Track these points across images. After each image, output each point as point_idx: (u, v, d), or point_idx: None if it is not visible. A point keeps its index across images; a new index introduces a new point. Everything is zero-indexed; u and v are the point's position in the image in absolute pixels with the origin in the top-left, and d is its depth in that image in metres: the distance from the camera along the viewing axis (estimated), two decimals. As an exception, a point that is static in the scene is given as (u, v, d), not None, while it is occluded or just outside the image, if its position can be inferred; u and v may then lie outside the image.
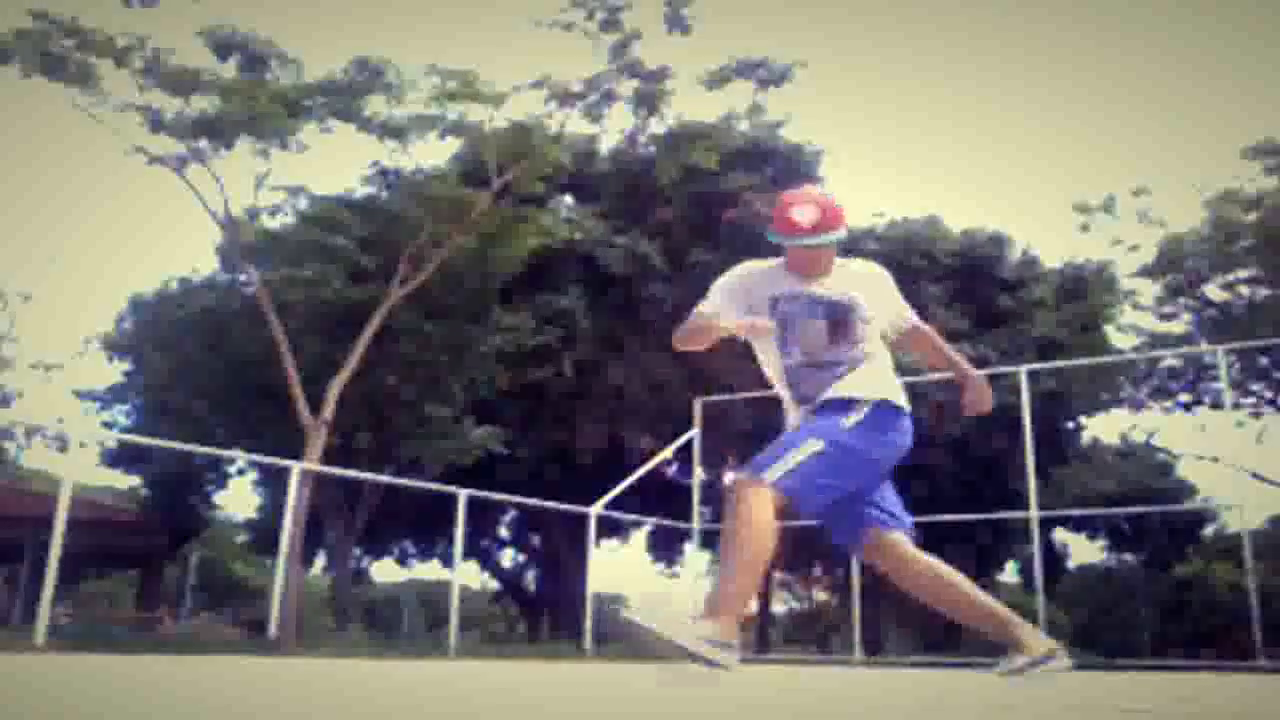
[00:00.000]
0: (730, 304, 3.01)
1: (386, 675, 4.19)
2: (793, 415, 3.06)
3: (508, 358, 18.21)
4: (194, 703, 2.29)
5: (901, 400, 3.00)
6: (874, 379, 2.96)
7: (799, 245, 2.95)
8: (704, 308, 3.03)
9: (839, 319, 2.95)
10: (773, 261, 3.10)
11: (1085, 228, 23.16)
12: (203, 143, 14.14)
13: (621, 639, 2.90)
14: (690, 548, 13.60)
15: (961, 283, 22.14)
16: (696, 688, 2.81)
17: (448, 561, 24.45)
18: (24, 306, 26.92)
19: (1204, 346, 20.12)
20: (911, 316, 3.22)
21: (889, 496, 3.08)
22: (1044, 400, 19.36)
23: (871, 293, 3.06)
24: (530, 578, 30.24)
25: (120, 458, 21.91)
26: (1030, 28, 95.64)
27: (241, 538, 34.59)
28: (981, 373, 3.32)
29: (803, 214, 2.93)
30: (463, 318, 17.48)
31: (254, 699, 2.50)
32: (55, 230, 64.62)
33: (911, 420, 3.02)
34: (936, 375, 18.76)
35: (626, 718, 2.02)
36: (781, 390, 3.08)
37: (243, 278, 17.39)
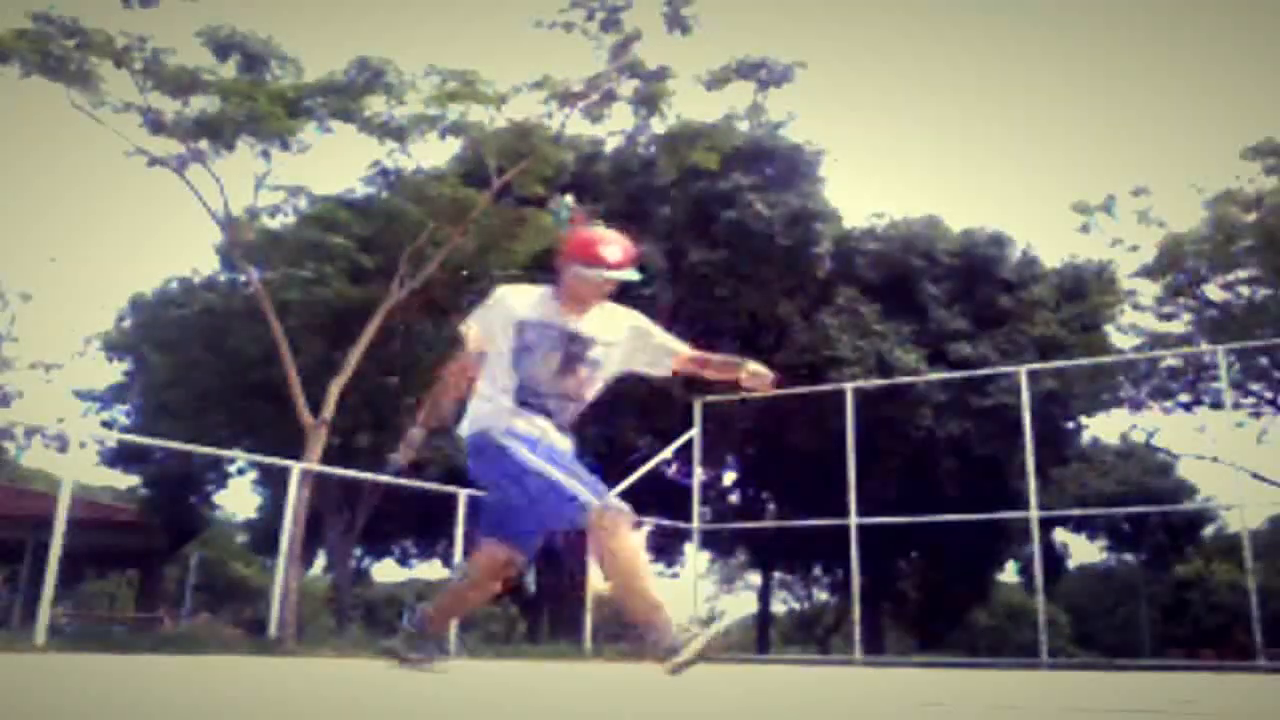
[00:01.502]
0: (485, 325, 3.29)
1: (386, 675, 4.19)
2: (508, 414, 3.18)
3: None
4: (194, 703, 2.28)
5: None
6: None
7: (604, 278, 3.13)
8: (468, 326, 3.32)
9: (572, 354, 3.17)
10: (540, 288, 3.29)
11: (1085, 228, 23.14)
12: (203, 143, 14.13)
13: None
14: (690, 548, 13.59)
15: (961, 283, 22.13)
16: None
17: (448, 561, 24.44)
18: (24, 306, 26.89)
19: (1204, 346, 20.10)
20: (679, 348, 3.38)
21: None
22: (1044, 400, 19.35)
23: (620, 338, 3.27)
24: (530, 578, 30.23)
25: (120, 458, 21.91)
26: (1030, 28, 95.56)
27: (241, 538, 34.60)
28: (981, 372, 3.43)
29: (613, 252, 3.14)
30: (463, 318, 17.47)
31: (254, 699, 2.50)
32: (55, 230, 64.59)
33: None
34: (935, 376, 18.69)
35: (626, 717, 2.02)
36: (495, 391, 3.23)
37: (243, 278, 17.38)
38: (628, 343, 3.30)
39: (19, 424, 28.13)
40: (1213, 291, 22.14)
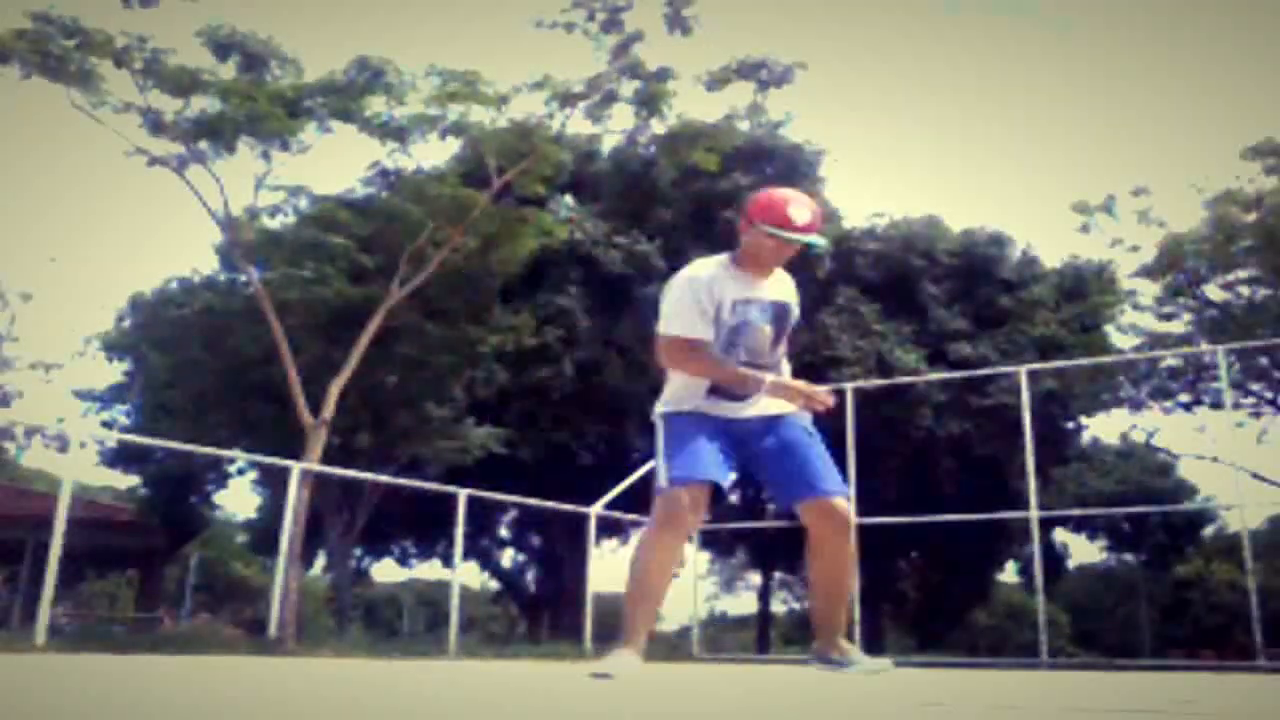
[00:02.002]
0: (702, 321, 3.06)
1: (386, 675, 4.19)
2: (697, 397, 3.13)
3: (508, 358, 18.20)
4: (194, 703, 2.29)
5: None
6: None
7: (791, 240, 3.01)
8: (682, 327, 3.06)
9: (780, 325, 3.15)
10: (720, 259, 3.16)
11: (1085, 228, 23.14)
12: (203, 144, 14.13)
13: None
14: (690, 548, 13.59)
15: (961, 283, 22.14)
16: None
17: (448, 561, 24.45)
18: (24, 306, 26.89)
19: (1204, 346, 20.11)
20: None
21: None
22: (1044, 400, 19.36)
23: (793, 300, 3.26)
24: (530, 578, 30.24)
25: (120, 458, 21.91)
26: (1030, 28, 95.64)
27: (241, 538, 34.61)
28: (981, 372, 3.50)
29: (800, 213, 3.01)
30: (463, 318, 17.47)
31: (254, 699, 2.50)
32: (55, 230, 64.63)
33: None
34: (935, 376, 18.69)
35: (626, 717, 2.02)
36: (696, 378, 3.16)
37: (243, 278, 17.38)
38: (795, 307, 3.26)
39: (19, 424, 28.12)
40: (1213, 291, 22.15)
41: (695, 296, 3.06)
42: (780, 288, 3.19)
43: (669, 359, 3.13)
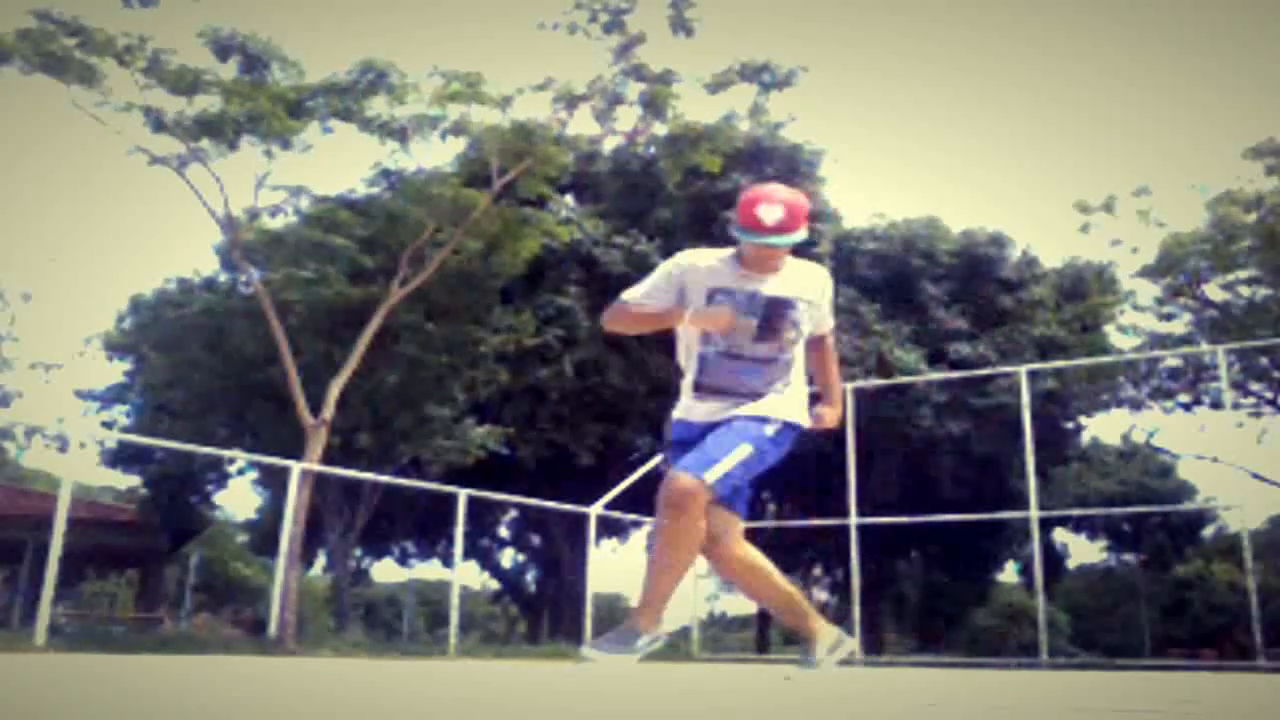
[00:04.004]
0: (660, 293, 3.07)
1: (386, 675, 4.19)
2: (686, 399, 3.17)
3: (508, 358, 18.20)
4: (194, 703, 2.29)
5: (805, 420, 3.17)
6: (789, 400, 3.11)
7: (760, 244, 2.95)
8: (633, 293, 3.11)
9: (772, 319, 3.01)
10: (725, 251, 3.11)
11: (1085, 228, 23.14)
12: (204, 143, 14.12)
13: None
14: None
15: (961, 283, 22.13)
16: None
17: (448, 561, 24.45)
18: (24, 306, 26.84)
19: (1204, 346, 20.10)
20: (830, 329, 3.32)
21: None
22: (1044, 400, 19.35)
23: (813, 296, 3.14)
24: (530, 578, 30.24)
25: (120, 458, 21.91)
26: (1030, 28, 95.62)
27: (241, 538, 34.62)
28: (981, 372, 3.47)
29: (768, 212, 2.92)
30: (463, 318, 17.47)
31: (254, 699, 2.50)
32: (55, 230, 64.58)
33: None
34: (935, 376, 18.70)
35: (626, 717, 2.02)
36: (686, 375, 3.18)
37: (243, 278, 17.37)
38: (818, 303, 3.17)
39: (19, 424, 28.07)
40: (1213, 291, 22.15)
41: (667, 272, 3.09)
42: (789, 284, 3.08)
43: (605, 318, 3.18)
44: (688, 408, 3.17)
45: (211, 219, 14.67)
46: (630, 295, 3.12)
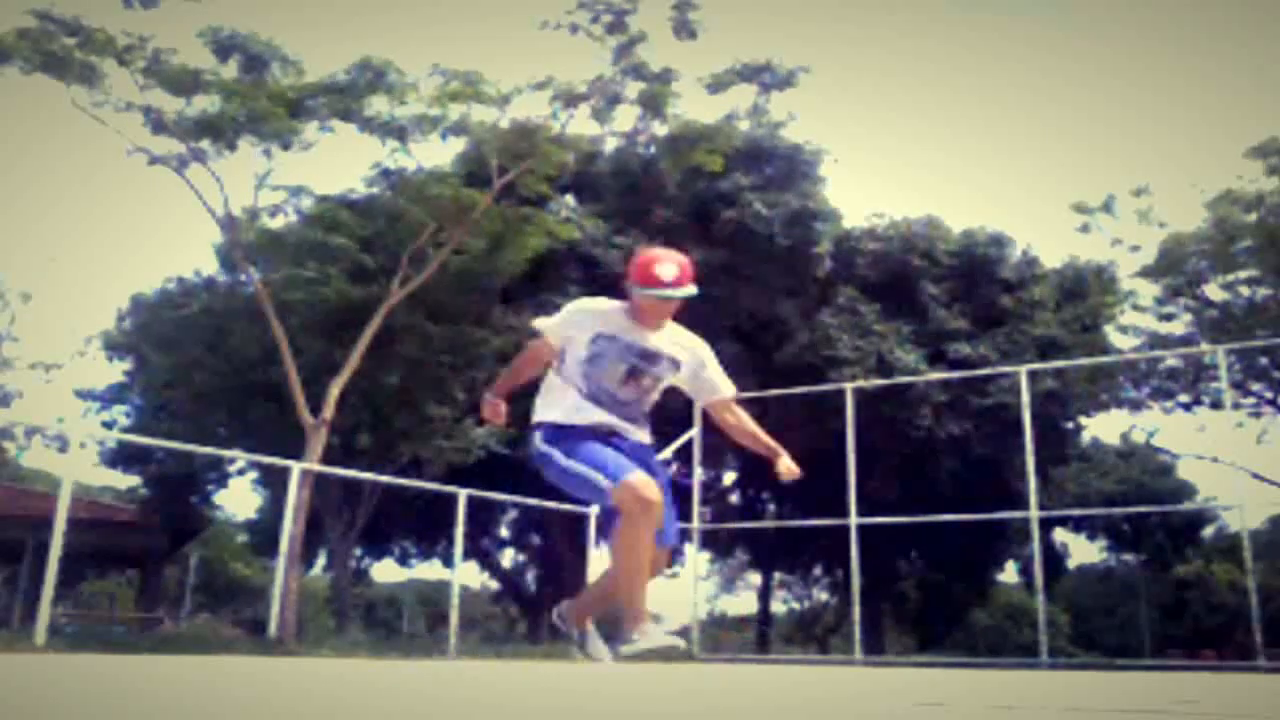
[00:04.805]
0: (562, 326, 3.46)
1: (386, 675, 4.19)
2: (583, 405, 3.45)
3: (508, 358, 18.18)
4: (194, 703, 2.28)
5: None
6: (647, 430, 3.54)
7: (658, 296, 3.30)
8: (543, 322, 3.52)
9: (642, 368, 3.40)
10: (615, 304, 3.48)
11: (1085, 228, 23.13)
12: (204, 143, 14.12)
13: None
14: (690, 548, 13.59)
15: (961, 283, 22.11)
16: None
17: (448, 561, 24.45)
18: (24, 306, 26.85)
19: (1204, 346, 20.10)
20: (728, 389, 3.62)
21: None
22: (1044, 400, 19.33)
23: (683, 357, 3.48)
24: (530, 578, 30.23)
25: (120, 458, 21.89)
26: (1030, 28, 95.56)
27: (241, 538, 34.61)
28: (981, 372, 3.57)
29: (665, 270, 3.30)
30: (464, 318, 17.46)
31: (254, 699, 2.50)
32: (55, 230, 64.55)
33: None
34: (935, 376, 18.69)
35: (626, 717, 2.01)
36: (568, 388, 3.49)
37: (243, 278, 17.37)
38: (688, 366, 3.51)
39: (19, 424, 28.08)
40: (1213, 291, 22.15)
41: (570, 312, 3.50)
42: (669, 340, 3.44)
43: (529, 341, 3.61)
44: (598, 415, 3.44)
45: (211, 219, 14.68)
46: (540, 324, 3.55)
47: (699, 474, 13.32)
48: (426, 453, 17.31)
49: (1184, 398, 23.32)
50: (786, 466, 3.63)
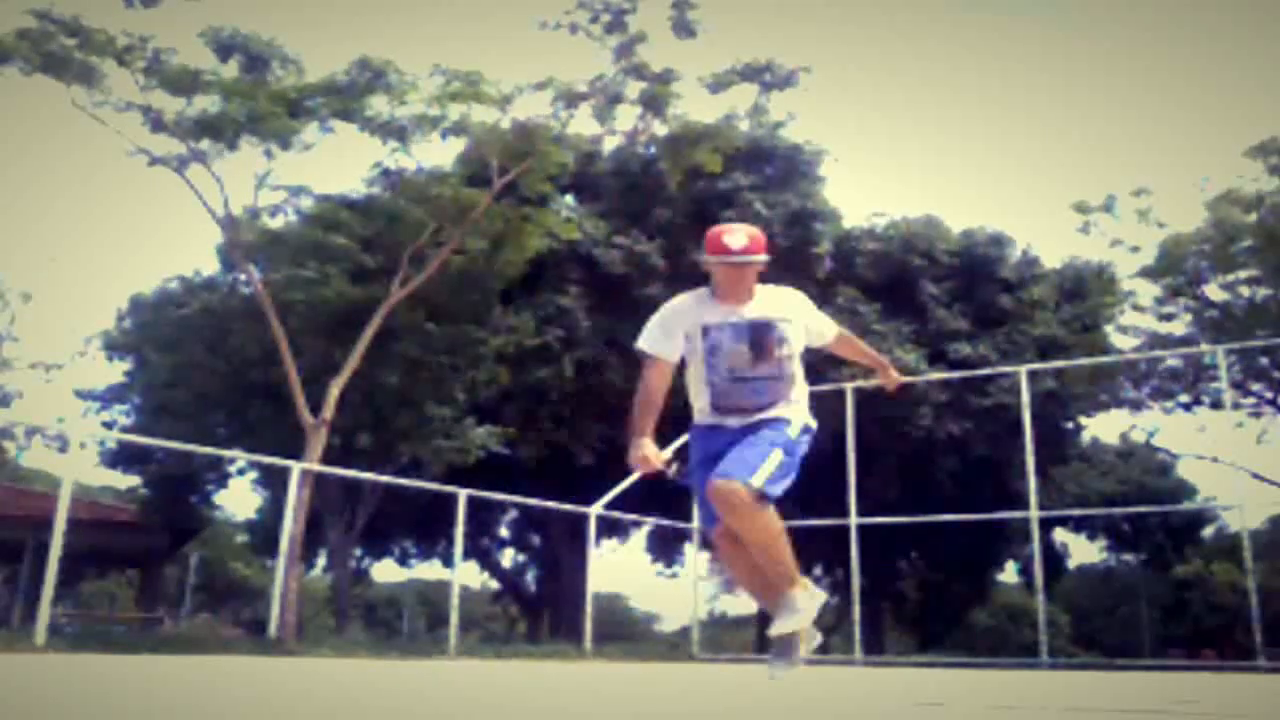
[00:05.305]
0: (663, 340, 3.49)
1: (386, 675, 4.19)
2: (706, 418, 3.53)
3: (508, 358, 18.19)
4: (194, 703, 2.29)
5: (813, 422, 3.53)
6: (798, 405, 3.50)
7: (729, 263, 3.36)
8: (645, 343, 3.52)
9: (759, 340, 3.40)
10: (700, 292, 3.53)
11: (1085, 228, 23.13)
12: (204, 143, 14.12)
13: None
14: (690, 548, 13.60)
15: (961, 283, 22.11)
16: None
17: (448, 561, 24.46)
18: (24, 306, 26.85)
19: (1204, 347, 20.09)
20: (832, 329, 3.73)
21: None
22: (1044, 400, 19.33)
23: (791, 314, 3.50)
24: (530, 578, 30.23)
25: (120, 458, 21.88)
26: (1030, 28, 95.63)
27: (241, 538, 34.59)
28: (981, 372, 3.63)
29: (734, 239, 3.38)
30: (464, 318, 17.46)
31: (254, 699, 2.50)
32: (55, 230, 64.59)
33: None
34: (935, 376, 18.69)
35: (626, 717, 2.02)
36: (700, 399, 3.53)
37: (243, 278, 17.38)
38: (798, 321, 3.51)
39: (19, 424, 28.08)
40: (1213, 291, 22.14)
41: (663, 319, 3.51)
42: (765, 306, 3.45)
43: (643, 369, 3.56)
44: (713, 420, 3.51)
45: (211, 219, 14.67)
46: (644, 345, 3.53)
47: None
48: (426, 453, 17.30)
49: (1184, 398, 23.32)
50: (891, 378, 3.84)
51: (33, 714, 1.82)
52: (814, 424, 3.52)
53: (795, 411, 3.46)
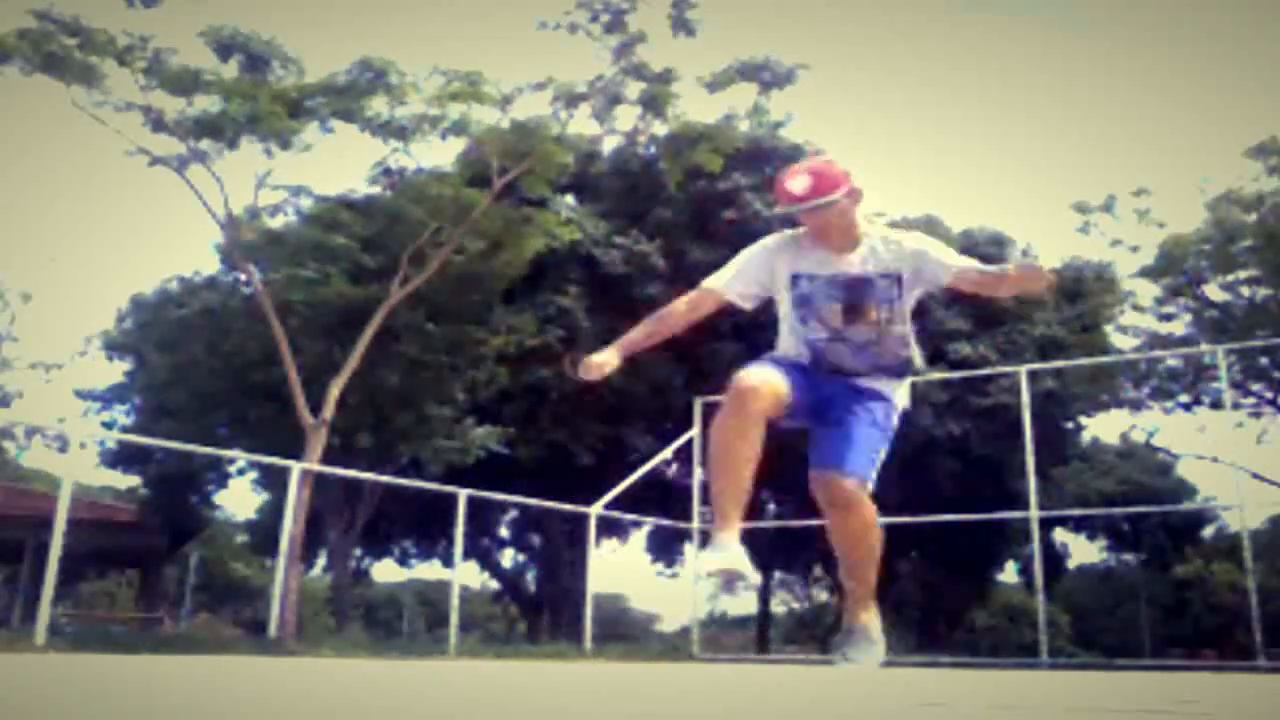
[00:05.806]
0: (748, 276, 3.05)
1: (386, 675, 4.19)
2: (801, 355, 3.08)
3: (508, 358, 18.19)
4: (194, 703, 2.29)
5: (908, 404, 3.22)
6: (900, 383, 3.16)
7: (793, 213, 2.91)
8: (717, 280, 3.07)
9: (854, 302, 2.96)
10: (790, 233, 3.07)
11: (1085, 228, 23.13)
12: (204, 143, 14.13)
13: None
14: (690, 548, 13.60)
15: (961, 283, 22.12)
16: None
17: (448, 561, 24.44)
18: (24, 306, 26.88)
19: (1204, 346, 20.09)
20: (949, 268, 2.94)
21: None
22: (1044, 400, 19.34)
23: (898, 268, 2.97)
24: (530, 578, 30.22)
25: (120, 458, 21.89)
26: (1030, 28, 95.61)
27: (241, 538, 34.59)
28: (981, 372, 3.48)
29: (795, 183, 2.90)
30: (464, 318, 17.46)
31: (254, 699, 2.50)
32: (55, 230, 64.56)
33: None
34: (936, 375, 18.67)
35: (626, 717, 2.02)
36: (791, 347, 3.12)
37: (243, 278, 17.38)
38: (910, 274, 2.97)
39: (19, 424, 28.12)
40: (1213, 291, 22.14)
41: (748, 259, 3.06)
42: (870, 260, 2.96)
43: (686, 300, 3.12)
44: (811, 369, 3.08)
45: (212, 219, 14.69)
46: (714, 283, 3.06)
47: (699, 474, 13.32)
48: (426, 453, 17.30)
49: (1184, 398, 23.31)
50: (1044, 278, 2.72)
51: (33, 714, 1.82)
52: (907, 405, 3.19)
53: (897, 390, 3.13)
